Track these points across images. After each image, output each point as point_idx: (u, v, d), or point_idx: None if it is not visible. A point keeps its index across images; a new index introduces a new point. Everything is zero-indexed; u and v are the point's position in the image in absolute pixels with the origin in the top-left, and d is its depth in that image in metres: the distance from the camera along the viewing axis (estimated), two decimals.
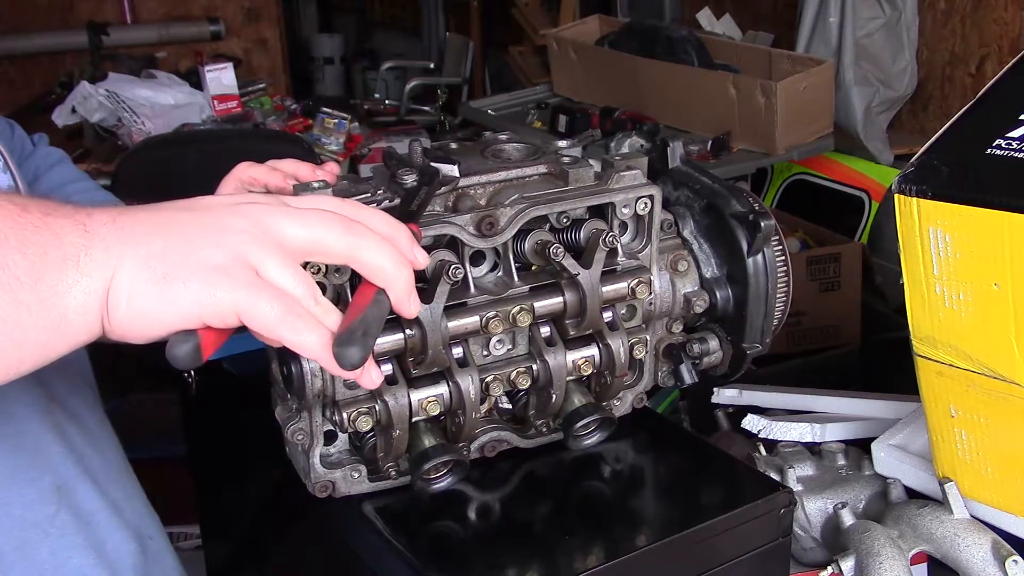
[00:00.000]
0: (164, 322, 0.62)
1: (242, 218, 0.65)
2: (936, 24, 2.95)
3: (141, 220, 0.65)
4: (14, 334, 0.59)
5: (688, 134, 2.72)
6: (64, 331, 0.61)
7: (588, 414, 0.93)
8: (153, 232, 0.64)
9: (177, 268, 0.62)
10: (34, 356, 0.61)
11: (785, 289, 0.97)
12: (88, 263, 0.61)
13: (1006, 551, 0.94)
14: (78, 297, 0.61)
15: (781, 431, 1.23)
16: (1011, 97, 0.95)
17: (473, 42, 4.97)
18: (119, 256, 0.62)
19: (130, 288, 0.62)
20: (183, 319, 0.62)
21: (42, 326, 0.60)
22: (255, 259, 0.64)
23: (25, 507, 0.78)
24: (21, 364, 0.62)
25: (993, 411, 0.94)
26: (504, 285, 0.89)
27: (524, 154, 0.96)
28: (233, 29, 5.08)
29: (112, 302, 0.62)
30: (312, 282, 0.66)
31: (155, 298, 0.62)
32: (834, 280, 2.40)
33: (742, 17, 3.61)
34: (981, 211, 0.85)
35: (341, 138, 3.20)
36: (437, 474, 0.90)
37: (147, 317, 0.62)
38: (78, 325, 0.62)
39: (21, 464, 0.79)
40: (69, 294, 0.61)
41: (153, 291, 0.62)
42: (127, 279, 0.62)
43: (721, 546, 0.89)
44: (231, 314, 0.63)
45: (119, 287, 0.62)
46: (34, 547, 0.78)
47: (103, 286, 0.62)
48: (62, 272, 0.60)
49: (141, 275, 0.62)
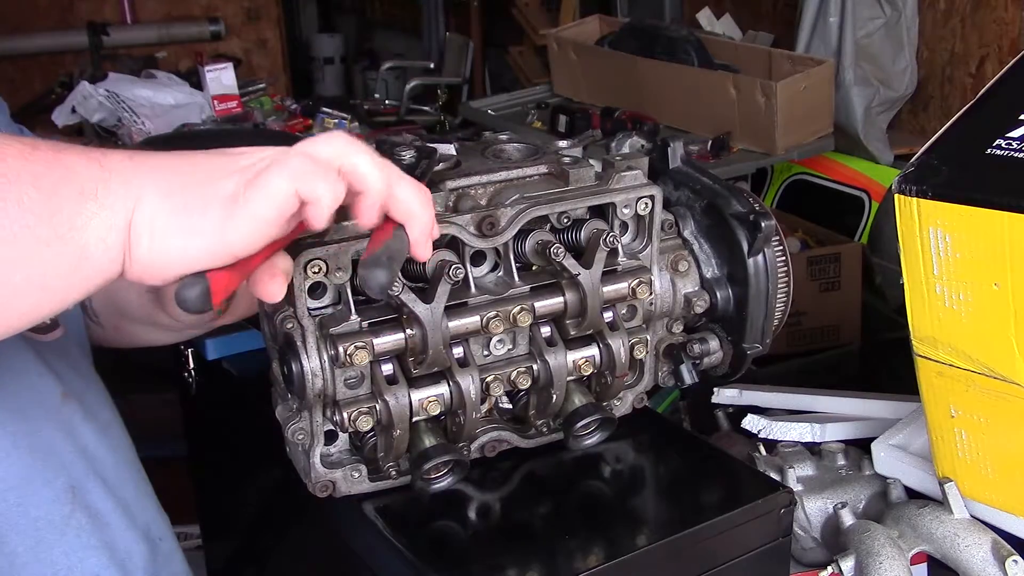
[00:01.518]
0: (187, 256, 0.61)
1: (255, 154, 0.65)
2: (936, 24, 2.95)
3: (158, 157, 0.63)
4: (33, 271, 0.57)
5: (688, 134, 2.72)
6: (85, 267, 0.59)
7: (588, 414, 0.93)
8: (171, 167, 0.62)
9: (198, 201, 0.61)
10: (55, 296, 0.59)
11: (785, 289, 0.97)
12: (107, 196, 0.59)
13: (1006, 551, 0.94)
14: (98, 230, 0.59)
15: (781, 431, 1.23)
16: (1011, 97, 0.95)
17: (473, 42, 4.97)
18: (139, 188, 0.60)
19: (152, 223, 0.60)
20: (208, 252, 0.61)
21: (62, 262, 0.58)
22: (306, 148, 0.63)
23: (41, 507, 0.78)
24: (41, 305, 0.60)
25: (993, 411, 0.94)
26: (505, 285, 0.89)
27: (524, 154, 0.96)
28: (233, 29, 5.08)
29: (134, 237, 0.60)
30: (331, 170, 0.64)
31: (179, 233, 0.60)
32: (834, 280, 2.39)
33: (742, 17, 3.61)
34: (981, 211, 0.85)
35: None
36: (437, 474, 0.90)
37: (170, 251, 0.61)
38: (99, 261, 0.60)
39: (36, 464, 0.78)
40: (88, 228, 0.59)
41: (175, 224, 0.60)
42: (148, 213, 0.60)
43: (721, 546, 0.89)
44: (257, 235, 0.62)
45: (141, 221, 0.60)
46: (48, 547, 0.78)
47: (124, 220, 0.60)
48: (80, 205, 0.58)
49: (163, 208, 0.60)
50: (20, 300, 0.58)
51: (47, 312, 0.61)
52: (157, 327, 0.98)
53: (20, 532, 0.76)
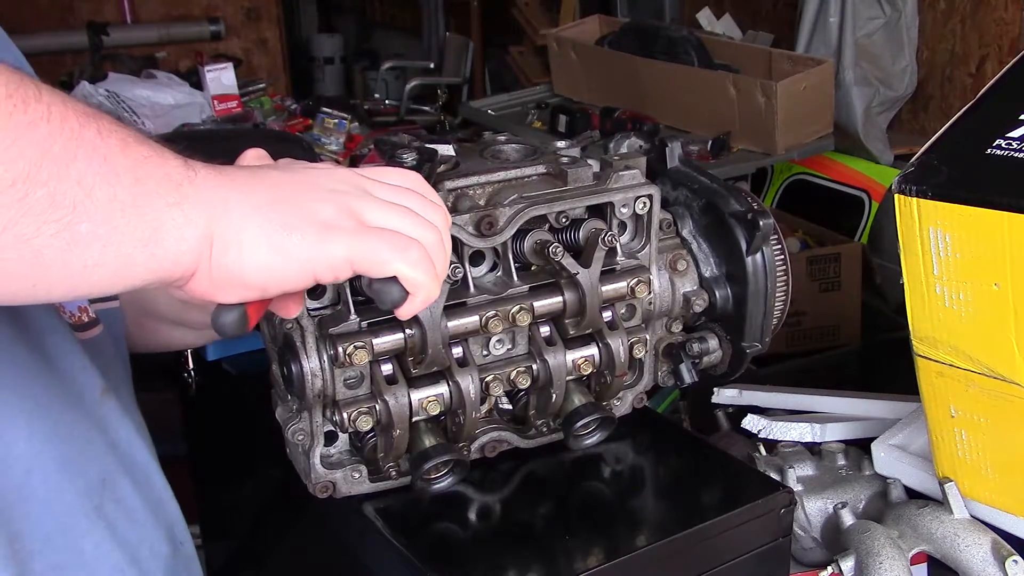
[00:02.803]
0: (276, 274, 0.60)
1: (334, 178, 0.65)
2: (936, 24, 2.95)
3: (240, 170, 0.63)
4: (99, 229, 0.55)
5: (688, 134, 2.72)
6: (153, 248, 0.57)
7: (588, 413, 0.93)
8: (256, 182, 0.62)
9: (291, 218, 0.60)
10: (113, 272, 0.57)
11: (784, 288, 0.97)
12: (193, 195, 0.58)
13: (1006, 551, 0.94)
14: (176, 218, 0.57)
15: (781, 431, 1.23)
16: (1011, 97, 0.95)
17: (473, 42, 4.97)
18: (224, 199, 0.59)
19: (241, 234, 0.59)
20: (298, 272, 0.61)
21: (136, 245, 0.56)
22: (359, 208, 0.63)
23: (76, 494, 0.78)
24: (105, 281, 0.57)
25: (993, 411, 0.94)
26: (503, 285, 0.89)
27: (523, 154, 0.96)
28: (233, 29, 5.08)
29: (219, 245, 0.59)
30: (409, 210, 0.66)
31: (270, 248, 0.60)
32: (834, 280, 2.39)
33: (742, 17, 3.61)
34: (981, 211, 0.85)
35: (341, 138, 3.20)
36: (438, 474, 0.90)
37: (260, 266, 0.60)
38: (169, 248, 0.58)
39: (73, 453, 0.79)
40: (168, 216, 0.57)
41: (268, 241, 0.60)
42: (236, 224, 0.59)
43: (721, 546, 0.89)
44: (345, 266, 0.62)
45: (228, 230, 0.59)
46: (78, 535, 0.78)
47: (206, 221, 0.58)
48: (162, 196, 0.56)
49: (253, 222, 0.59)
50: (85, 270, 0.56)
51: (104, 289, 0.59)
52: (186, 327, 0.98)
53: (55, 516, 0.76)
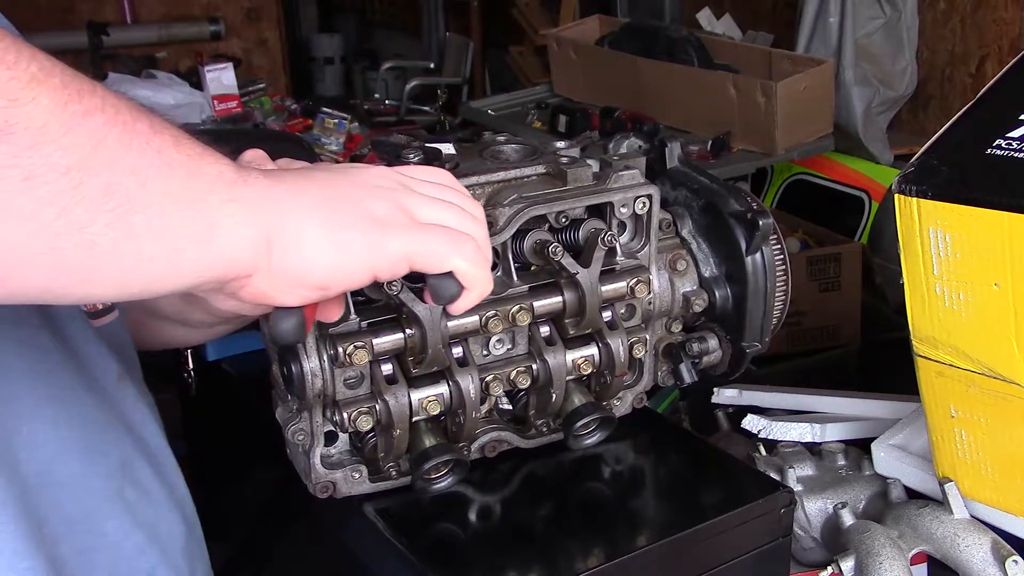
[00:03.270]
0: (341, 273, 0.61)
1: (379, 175, 0.65)
2: (936, 24, 2.95)
3: (288, 172, 0.63)
4: (153, 222, 0.54)
5: (688, 134, 2.72)
6: (208, 245, 0.56)
7: (588, 413, 0.93)
8: (306, 182, 0.61)
9: (349, 217, 0.60)
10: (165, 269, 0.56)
11: (784, 287, 0.97)
12: (247, 194, 0.57)
13: (1006, 551, 0.94)
14: (233, 215, 0.57)
15: (781, 431, 1.23)
16: (1011, 97, 0.95)
17: (473, 42, 4.97)
18: (279, 199, 0.59)
19: (302, 234, 0.59)
20: (360, 270, 0.61)
21: (188, 229, 0.55)
22: (409, 204, 0.64)
23: (98, 478, 0.79)
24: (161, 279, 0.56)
25: (993, 411, 0.94)
26: (503, 285, 0.89)
27: (522, 154, 0.96)
28: (233, 29, 5.08)
29: (280, 247, 0.59)
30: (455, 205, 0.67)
31: (333, 247, 0.60)
32: (834, 280, 2.40)
33: (742, 17, 3.61)
34: (981, 211, 0.85)
35: (341, 138, 3.20)
36: (438, 474, 0.90)
37: (325, 266, 0.60)
38: (225, 246, 0.57)
39: (94, 437, 0.79)
40: (223, 211, 0.56)
41: (330, 240, 0.60)
42: (296, 224, 0.59)
43: (721, 546, 0.89)
44: (403, 262, 0.63)
45: (287, 230, 0.59)
46: (101, 519, 0.78)
47: (262, 220, 0.58)
48: (215, 193, 0.56)
49: (313, 222, 0.59)
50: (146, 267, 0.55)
51: (155, 287, 0.57)
52: (186, 325, 0.98)
53: (78, 500, 0.76)
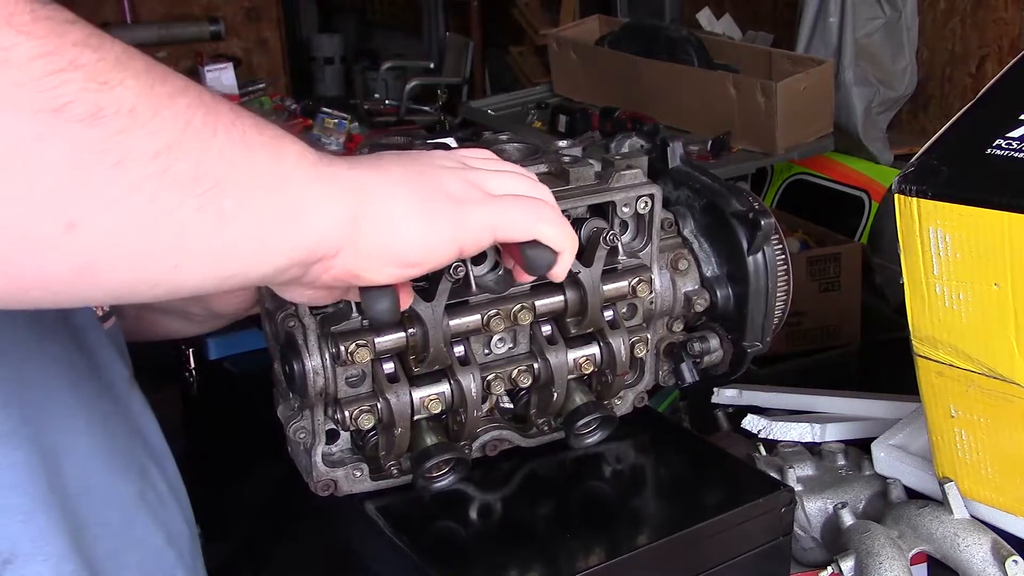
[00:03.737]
0: (431, 248, 0.61)
1: (443, 158, 0.66)
2: (936, 24, 2.95)
3: (359, 156, 0.63)
4: (243, 204, 0.52)
5: (688, 134, 2.72)
6: (298, 225, 0.55)
7: (589, 412, 0.93)
8: (382, 163, 0.61)
9: (431, 193, 0.60)
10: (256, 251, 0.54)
11: (785, 288, 0.97)
12: (328, 169, 0.57)
13: (1006, 551, 0.95)
14: (320, 194, 0.56)
15: (781, 431, 1.23)
16: (1011, 97, 0.95)
17: (473, 42, 4.97)
18: (362, 177, 0.59)
19: (391, 211, 0.59)
20: (448, 244, 0.61)
21: (278, 210, 0.54)
22: (478, 179, 0.64)
23: (125, 482, 0.80)
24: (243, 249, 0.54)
25: (993, 411, 0.94)
26: (505, 283, 0.89)
27: (524, 154, 0.96)
28: (233, 29, 5.08)
29: (368, 223, 0.58)
30: (519, 175, 0.68)
31: (422, 223, 0.60)
32: (834, 280, 2.39)
33: (742, 17, 3.61)
34: (981, 211, 0.86)
35: (341, 138, 3.20)
36: (439, 472, 0.90)
37: (416, 241, 0.60)
38: (315, 224, 0.56)
39: (118, 443, 0.80)
40: (309, 189, 0.55)
41: (418, 216, 0.60)
42: (383, 202, 0.59)
43: (721, 545, 0.89)
44: (487, 234, 0.63)
45: (375, 207, 0.58)
46: (131, 521, 0.79)
47: (349, 198, 0.57)
48: (299, 162, 0.55)
49: (398, 199, 0.59)
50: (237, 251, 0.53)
51: (245, 271, 0.55)
52: (186, 318, 0.98)
53: (110, 504, 0.77)
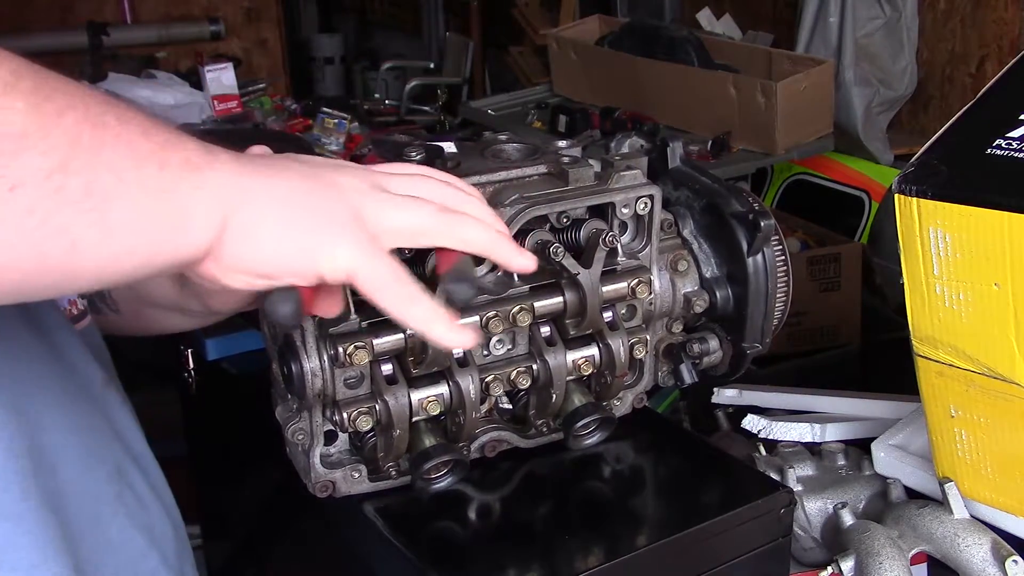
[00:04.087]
0: (283, 266, 0.61)
1: (353, 178, 0.65)
2: (936, 24, 2.95)
3: (263, 160, 0.63)
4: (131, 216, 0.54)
5: (688, 134, 2.72)
6: (182, 234, 0.57)
7: (588, 414, 0.93)
8: (277, 174, 0.61)
9: (309, 218, 0.61)
10: (143, 258, 0.57)
11: (785, 289, 0.97)
12: (212, 175, 0.58)
13: (1006, 551, 0.94)
14: (203, 201, 0.57)
15: (781, 431, 1.23)
16: (1011, 97, 0.95)
17: (473, 42, 4.97)
18: (246, 188, 0.59)
19: (258, 223, 0.59)
20: (303, 267, 0.61)
21: (164, 219, 0.56)
22: (373, 215, 0.63)
23: (99, 483, 0.79)
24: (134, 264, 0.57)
25: (993, 411, 0.94)
26: (504, 285, 0.89)
27: (524, 154, 0.96)
28: (233, 29, 5.07)
29: (232, 233, 0.59)
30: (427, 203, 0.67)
31: (283, 240, 0.60)
32: (834, 280, 2.40)
33: (742, 17, 3.61)
34: (981, 211, 0.85)
35: (341, 138, 3.19)
36: (437, 474, 0.90)
37: (269, 257, 0.60)
38: (195, 232, 0.57)
39: (92, 443, 0.79)
40: (193, 197, 0.57)
41: (282, 233, 0.60)
42: (254, 215, 0.59)
43: (721, 546, 0.89)
44: (345, 274, 0.62)
45: (245, 217, 0.59)
46: (106, 524, 0.79)
47: (226, 206, 0.58)
48: (187, 172, 0.57)
49: (271, 214, 0.60)
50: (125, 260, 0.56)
51: (133, 276, 0.58)
52: (183, 313, 0.98)
53: (82, 507, 0.77)
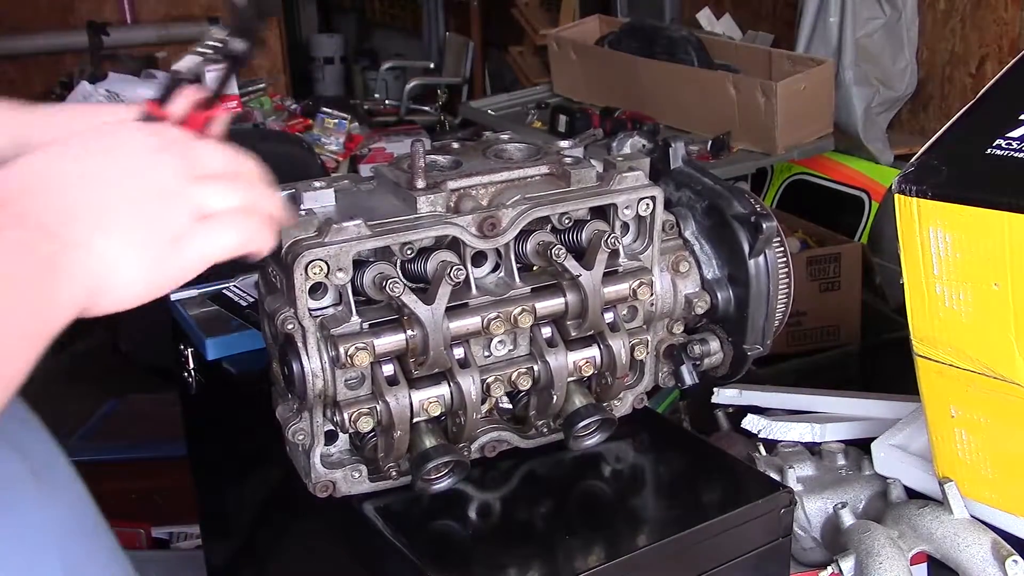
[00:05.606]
0: (148, 297, 0.66)
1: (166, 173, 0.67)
2: (936, 24, 2.95)
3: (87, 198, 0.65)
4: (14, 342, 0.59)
5: (688, 134, 2.71)
6: (52, 322, 0.61)
7: (589, 415, 0.93)
8: (109, 211, 0.65)
9: (157, 247, 0.65)
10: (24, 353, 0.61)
11: (786, 291, 0.97)
12: (64, 260, 0.61)
13: (1006, 551, 0.95)
14: (64, 289, 0.61)
15: (781, 431, 1.23)
16: (1011, 97, 0.95)
17: (473, 42, 4.97)
18: (90, 249, 0.63)
19: (116, 273, 0.63)
20: (165, 290, 0.66)
21: (31, 320, 0.60)
22: (200, 203, 0.67)
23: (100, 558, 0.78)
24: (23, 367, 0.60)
25: (993, 411, 0.94)
26: (506, 286, 0.89)
27: (526, 154, 0.96)
28: None
29: (98, 288, 0.63)
30: (241, 176, 0.69)
31: (143, 279, 0.65)
32: (834, 280, 2.39)
33: (742, 17, 3.61)
34: (981, 211, 0.86)
35: (341, 138, 3.19)
36: (438, 474, 0.90)
37: (135, 296, 0.65)
38: (63, 310, 0.62)
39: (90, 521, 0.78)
40: (54, 292, 0.61)
41: (141, 272, 0.64)
42: (111, 265, 0.63)
43: (721, 546, 0.89)
44: (204, 263, 0.67)
45: (104, 274, 0.63)
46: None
47: (86, 281, 0.62)
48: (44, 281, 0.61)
49: (126, 259, 0.64)
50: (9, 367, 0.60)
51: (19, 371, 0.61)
52: None
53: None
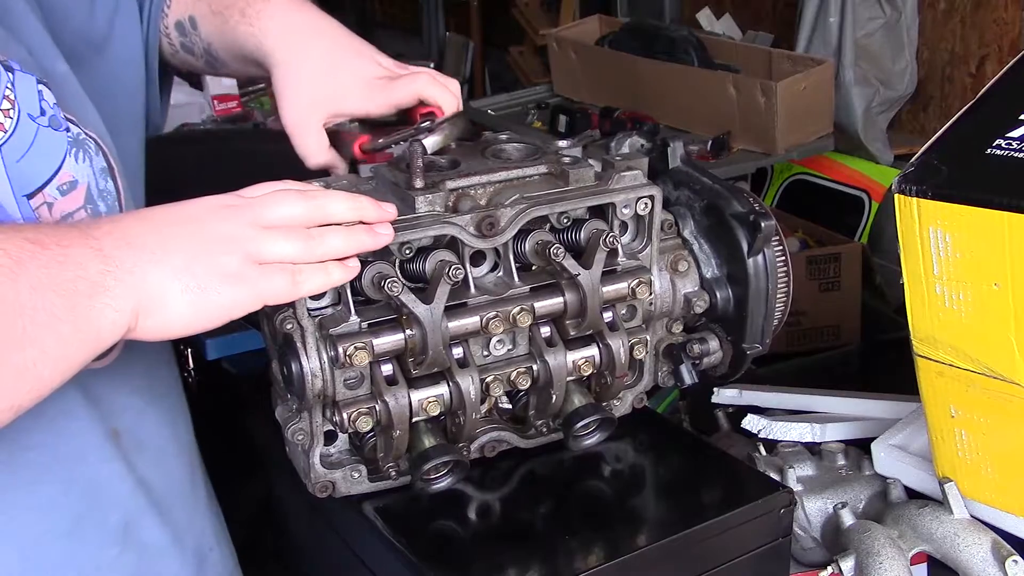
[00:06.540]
0: (194, 327, 0.70)
1: (235, 224, 0.72)
2: (936, 24, 2.95)
3: (147, 233, 0.70)
4: (59, 364, 0.65)
5: (688, 134, 2.71)
6: (97, 346, 0.67)
7: (588, 414, 0.93)
8: (169, 246, 0.69)
9: (206, 279, 0.69)
10: (71, 371, 0.67)
11: (785, 289, 0.97)
12: (115, 286, 0.66)
13: (1006, 551, 0.94)
14: (110, 316, 0.66)
15: (781, 431, 1.23)
16: (1011, 97, 0.95)
17: (473, 42, 4.97)
18: (143, 275, 0.67)
19: (163, 300, 0.68)
20: (216, 319, 0.70)
21: (80, 349, 0.66)
22: (255, 251, 0.71)
23: (89, 552, 0.79)
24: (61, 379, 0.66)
25: (993, 411, 0.94)
26: (504, 285, 0.89)
27: (524, 154, 0.96)
28: None
29: (144, 312, 0.67)
30: (300, 229, 0.74)
31: (189, 308, 0.69)
32: (834, 280, 2.39)
33: (742, 17, 3.61)
34: (981, 211, 0.85)
35: None
36: (437, 474, 0.90)
37: (180, 324, 0.69)
38: (109, 338, 0.67)
39: (88, 508, 0.79)
40: (102, 316, 0.66)
41: (186, 301, 0.68)
42: (158, 292, 0.68)
43: (721, 546, 0.89)
44: (255, 305, 0.72)
45: (151, 298, 0.67)
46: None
47: (132, 304, 0.67)
48: (93, 299, 0.65)
49: (174, 288, 0.68)
50: (41, 384, 0.65)
51: (61, 382, 0.67)
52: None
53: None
